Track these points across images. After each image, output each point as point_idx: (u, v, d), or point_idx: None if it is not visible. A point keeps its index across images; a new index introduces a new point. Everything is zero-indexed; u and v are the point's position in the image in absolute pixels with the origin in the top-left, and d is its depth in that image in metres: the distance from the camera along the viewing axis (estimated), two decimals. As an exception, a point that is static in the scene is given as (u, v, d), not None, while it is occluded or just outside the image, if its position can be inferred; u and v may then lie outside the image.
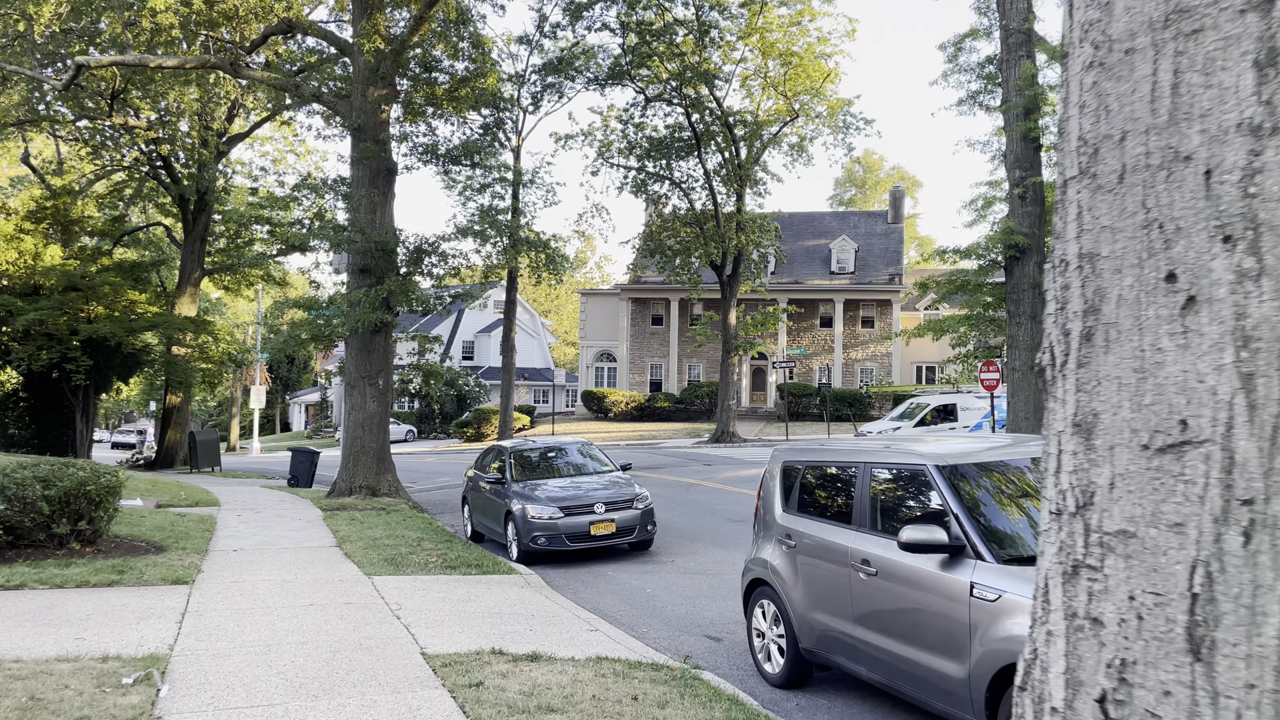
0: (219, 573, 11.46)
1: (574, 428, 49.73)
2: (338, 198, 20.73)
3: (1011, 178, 20.01)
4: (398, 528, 15.75)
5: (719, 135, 41.34)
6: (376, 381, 20.97)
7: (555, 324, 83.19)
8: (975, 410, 25.75)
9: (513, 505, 13.70)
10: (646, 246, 42.29)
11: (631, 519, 13.53)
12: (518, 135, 46.42)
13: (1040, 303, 19.63)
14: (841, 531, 6.82)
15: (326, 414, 75.79)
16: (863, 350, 53.54)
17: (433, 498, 23.61)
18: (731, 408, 42.14)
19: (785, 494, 7.73)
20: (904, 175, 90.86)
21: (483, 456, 16.53)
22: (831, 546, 6.84)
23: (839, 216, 59.78)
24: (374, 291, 19.74)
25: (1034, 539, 5.64)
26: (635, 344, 55.70)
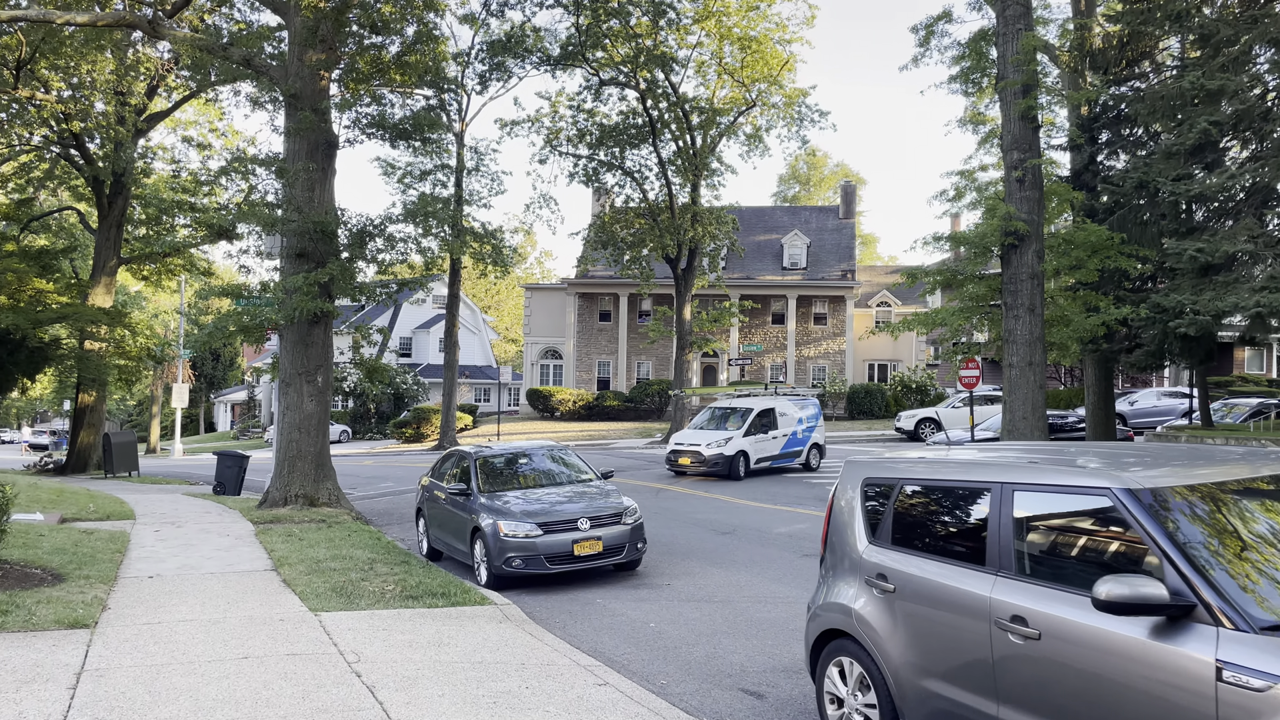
0: (130, 610, 9.40)
1: (519, 427, 47.70)
2: (271, 173, 18.54)
3: (1008, 160, 18.66)
4: (343, 545, 13.74)
5: (673, 123, 39.72)
6: (315, 378, 18.84)
7: (496, 320, 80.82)
8: (790, 417, 24.62)
9: (481, 521, 11.82)
10: (598, 238, 40.48)
11: (620, 536, 11.75)
12: (461, 120, 44.34)
13: (1040, 294, 18.35)
14: (971, 575, 5.13)
15: (254, 414, 72.41)
16: (815, 348, 52.41)
17: (377, 506, 21.52)
18: (685, 406, 40.54)
19: (871, 521, 6.03)
20: (848, 173, 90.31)
21: (440, 463, 14.59)
22: (958, 596, 5.15)
23: (790, 211, 58.62)
24: (313, 277, 17.63)
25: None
26: (582, 341, 53.82)
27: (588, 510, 11.84)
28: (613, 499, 12.31)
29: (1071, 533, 4.84)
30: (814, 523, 16.92)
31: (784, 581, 11.39)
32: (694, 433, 24.89)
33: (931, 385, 48.87)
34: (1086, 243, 18.38)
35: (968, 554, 5.24)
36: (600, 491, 12.61)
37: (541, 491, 12.55)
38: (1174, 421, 28.52)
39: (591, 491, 12.60)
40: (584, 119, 41.07)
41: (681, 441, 24.46)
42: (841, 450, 33.29)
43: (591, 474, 13.38)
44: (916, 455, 6.20)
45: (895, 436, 39.27)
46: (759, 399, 25.14)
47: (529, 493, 12.49)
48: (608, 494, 12.51)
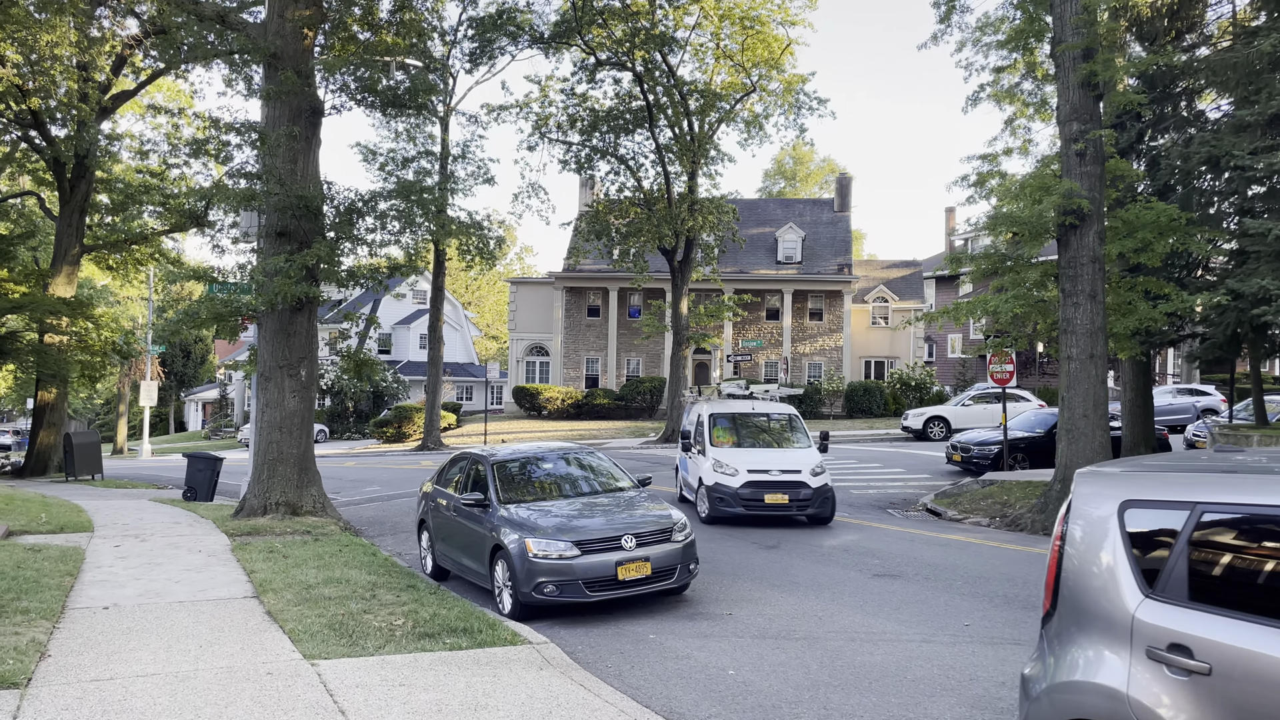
0: (75, 658, 7.45)
1: (506, 427, 45.70)
2: (248, 142, 16.51)
3: (1066, 132, 16.97)
4: (335, 564, 11.79)
5: (669, 108, 37.89)
6: (298, 372, 16.85)
7: (477, 316, 78.69)
8: None
9: (504, 538, 9.93)
10: (590, 229, 38.52)
11: (670, 556, 9.90)
12: (446, 104, 42.29)
13: (1101, 279, 16.67)
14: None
15: (226, 412, 69.91)
16: (811, 344, 50.76)
17: (365, 514, 19.54)
18: (683, 404, 38.71)
19: (1147, 564, 4.16)
20: (834, 168, 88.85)
21: (447, 468, 12.67)
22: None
23: (783, 204, 56.96)
24: (298, 258, 15.64)
25: None
26: (570, 336, 51.87)
27: (631, 525, 9.97)
28: (657, 510, 10.45)
29: None
30: (863, 533, 15.16)
31: (869, 610, 9.58)
32: (754, 453, 16.76)
33: (931, 382, 47.37)
34: (1154, 223, 16.72)
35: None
36: (641, 502, 10.74)
37: (573, 502, 10.66)
38: (1217, 420, 26.86)
39: (631, 502, 10.73)
40: (575, 104, 39.15)
41: (759, 466, 16.16)
42: (847, 450, 31.61)
43: (626, 480, 11.50)
44: (1194, 464, 4.39)
45: (901, 436, 37.65)
46: (760, 402, 21.13)
47: (558, 504, 10.60)
48: (650, 505, 10.65)
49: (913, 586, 10.66)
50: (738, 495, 15.89)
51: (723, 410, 18.47)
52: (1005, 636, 8.46)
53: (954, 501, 19.63)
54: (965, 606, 9.63)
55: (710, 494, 16.27)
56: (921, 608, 9.62)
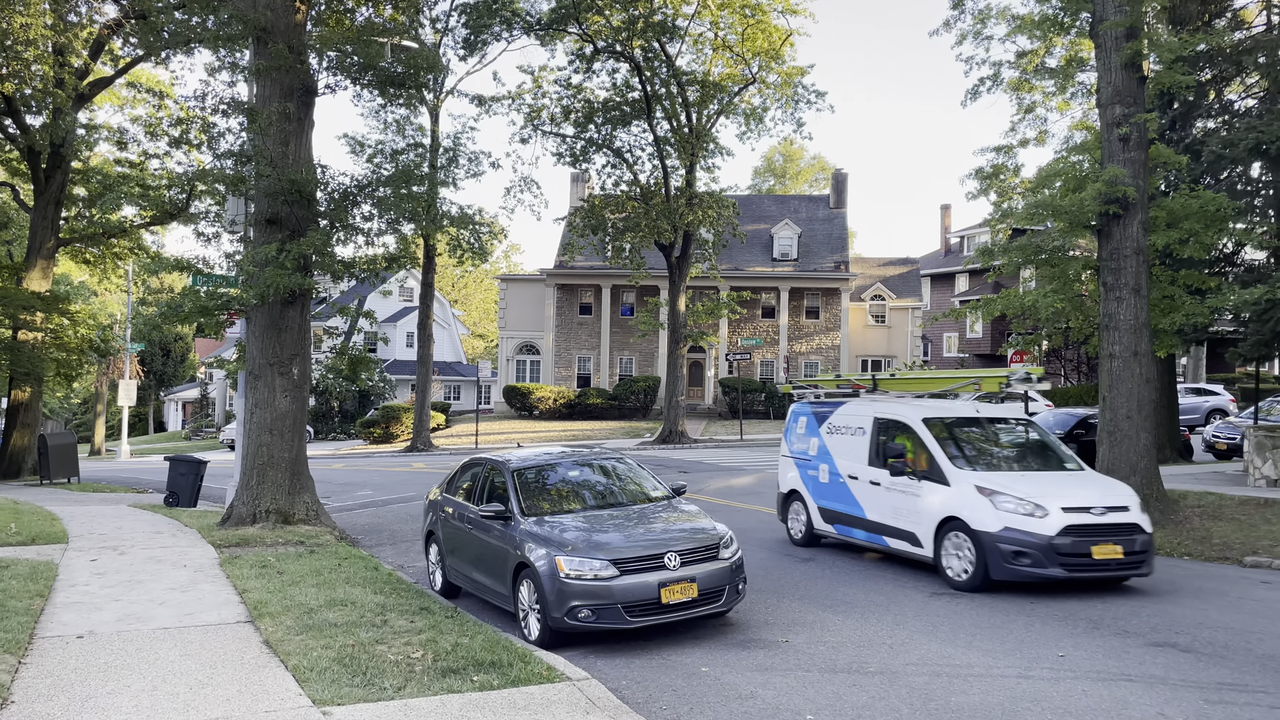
0: (43, 706, 6.34)
1: (497, 427, 44.54)
2: (236, 121, 15.33)
3: (1107, 116, 16.01)
4: (337, 581, 10.68)
5: (666, 100, 36.82)
6: (289, 370, 15.69)
7: (464, 315, 77.34)
8: None
9: (531, 555, 8.84)
10: (585, 223, 37.39)
11: (718, 576, 8.83)
12: (436, 94, 41.11)
13: (1146, 272, 15.72)
14: None
15: (208, 412, 68.37)
16: (807, 342, 49.80)
17: (359, 521, 18.39)
18: (680, 404, 37.72)
19: None
20: (824, 166, 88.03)
21: (458, 475, 11.58)
22: None
23: (779, 200, 55.96)
24: (292, 247, 14.48)
25: None
26: (561, 335, 50.70)
27: (673, 540, 8.90)
28: (701, 524, 9.38)
29: None
30: (899, 543, 14.13)
31: (942, 636, 8.55)
32: (1038, 480, 11.10)
33: (930, 382, 46.50)
34: (1200, 213, 15.80)
35: None
36: (681, 514, 9.67)
37: (603, 515, 9.57)
38: (1231, 420, 26.02)
39: (670, 514, 9.65)
40: (570, 95, 38.05)
41: (1072, 501, 10.53)
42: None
43: (661, 489, 10.42)
44: None
45: (905, 436, 36.67)
46: (967, 403, 14.21)
47: (587, 516, 9.50)
48: (692, 517, 9.58)
49: (979, 607, 9.64)
50: (1053, 549, 9.99)
51: (942, 414, 12.35)
52: (1111, 671, 7.45)
53: (981, 507, 18.63)
54: (1049, 632, 8.62)
55: (992, 545, 10.19)
56: (1000, 633, 8.61)
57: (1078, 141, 25.68)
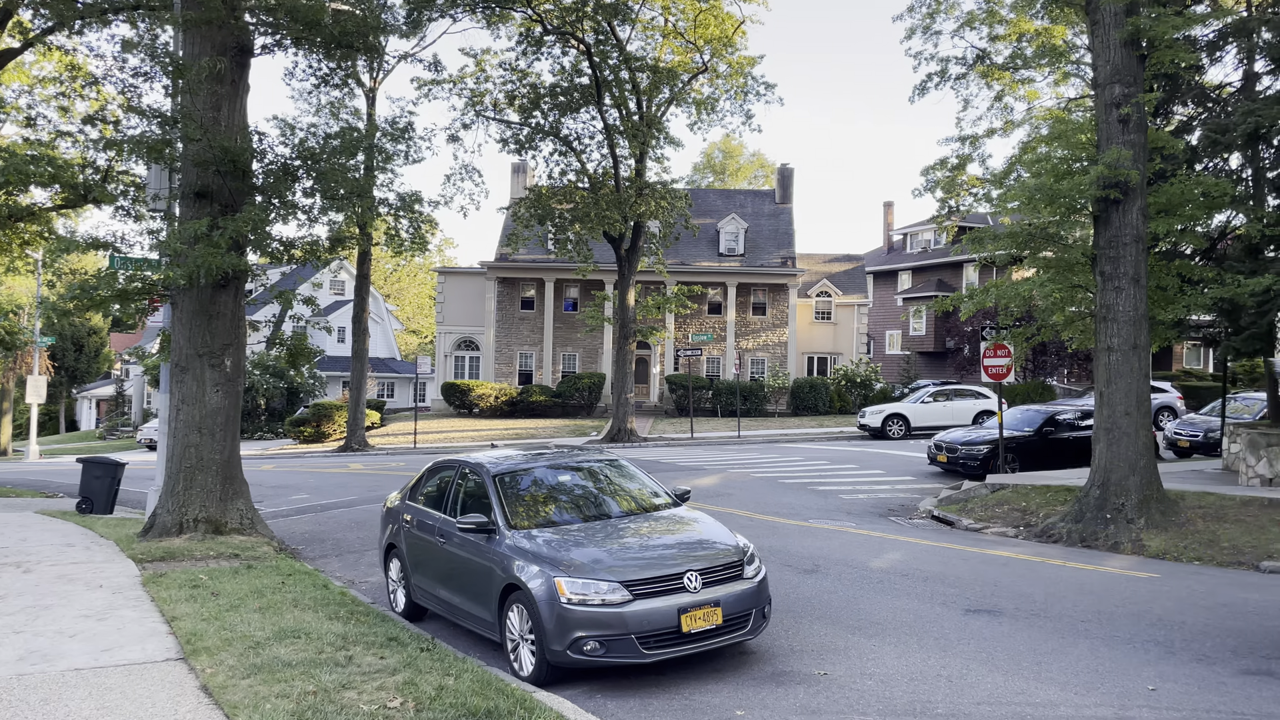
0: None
1: (435, 425, 42.73)
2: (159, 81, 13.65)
3: (1105, 96, 15.18)
4: (283, 604, 9.18)
5: (615, 87, 35.48)
6: (221, 361, 14.04)
7: (398, 309, 74.94)
8: None
9: (523, 575, 7.49)
10: (532, 214, 35.86)
11: (744, 599, 7.59)
12: (373, 77, 39.20)
13: (1144, 261, 14.93)
14: None
15: (124, 410, 64.98)
16: (754, 339, 48.92)
17: (297, 528, 16.75)
18: (629, 401, 36.44)
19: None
20: (764, 163, 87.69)
21: (423, 480, 10.12)
22: None
23: (724, 195, 54.99)
24: (226, 223, 12.84)
25: None
26: (503, 330, 49.00)
27: (691, 557, 7.63)
28: (719, 536, 8.12)
29: None
30: (900, 550, 13.09)
31: (1002, 666, 7.43)
32: None
33: (875, 379, 46.04)
34: (1200, 199, 15.08)
35: None
36: (694, 525, 8.39)
37: (606, 526, 8.24)
38: (1210, 418, 25.57)
39: (681, 525, 8.37)
40: (515, 80, 36.49)
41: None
42: (812, 450, 29.73)
43: (665, 496, 9.12)
44: None
45: (857, 434, 36.06)
46: None
47: (588, 528, 8.17)
48: (707, 528, 8.31)
49: (1029, 628, 8.56)
50: None
51: None
52: (1220, 709, 6.39)
53: (964, 508, 17.78)
54: (1120, 658, 7.57)
55: None
56: (1068, 661, 7.52)
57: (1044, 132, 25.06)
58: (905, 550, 12.95)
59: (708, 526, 8.34)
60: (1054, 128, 16.99)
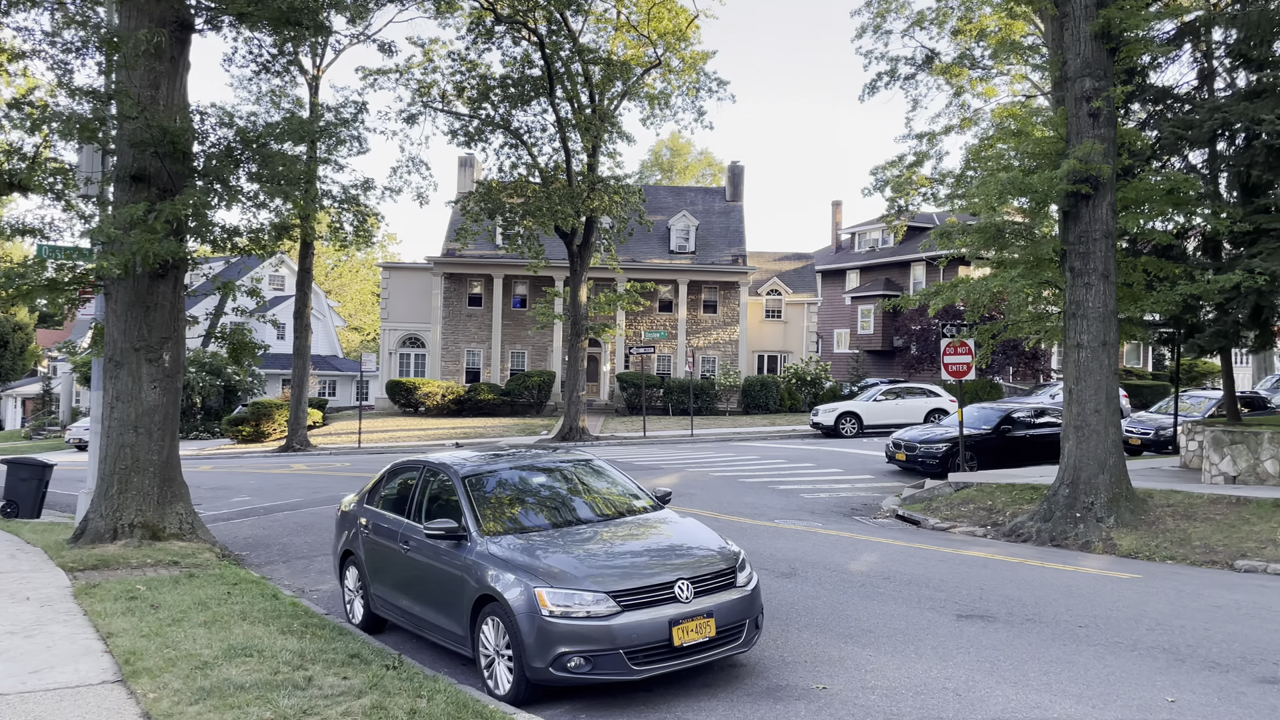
0: None
1: (380, 424, 41.68)
2: (92, 58, 12.75)
3: (1075, 90, 14.98)
4: (230, 617, 8.47)
5: (567, 80, 34.83)
6: (160, 356, 13.17)
7: (340, 306, 73.28)
8: None
9: (498, 585, 6.91)
10: (482, 208, 35.06)
11: (737, 609, 7.09)
12: (316, 66, 38.08)
13: (1113, 257, 14.79)
14: None
15: (51, 409, 62.52)
16: (705, 337, 48.61)
17: (240, 533, 15.90)
18: (581, 399, 35.83)
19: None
20: (711, 161, 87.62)
21: (382, 481, 9.46)
22: None
23: (675, 192, 54.59)
24: (164, 207, 12.01)
25: None
26: (449, 327, 48.01)
27: (682, 564, 7.11)
28: (708, 541, 7.62)
29: None
30: (874, 551, 12.72)
31: (1007, 677, 7.04)
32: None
33: (825, 377, 46.03)
34: (1168, 196, 14.97)
35: None
36: (681, 529, 7.88)
37: (587, 531, 7.68)
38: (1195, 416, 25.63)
39: (667, 529, 7.85)
40: (464, 71, 35.66)
41: None
42: (767, 449, 29.43)
43: (645, 498, 8.59)
44: None
45: (810, 432, 35.90)
46: None
47: (568, 534, 7.60)
48: (695, 533, 7.80)
49: (1027, 635, 8.19)
50: None
51: None
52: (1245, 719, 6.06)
53: (929, 507, 17.55)
54: (1133, 667, 7.22)
55: None
56: (1076, 670, 7.16)
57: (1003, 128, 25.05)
58: (880, 552, 12.59)
59: (694, 531, 7.83)
60: (1010, 125, 16.84)
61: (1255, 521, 13.36)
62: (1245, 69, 16.99)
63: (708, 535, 7.75)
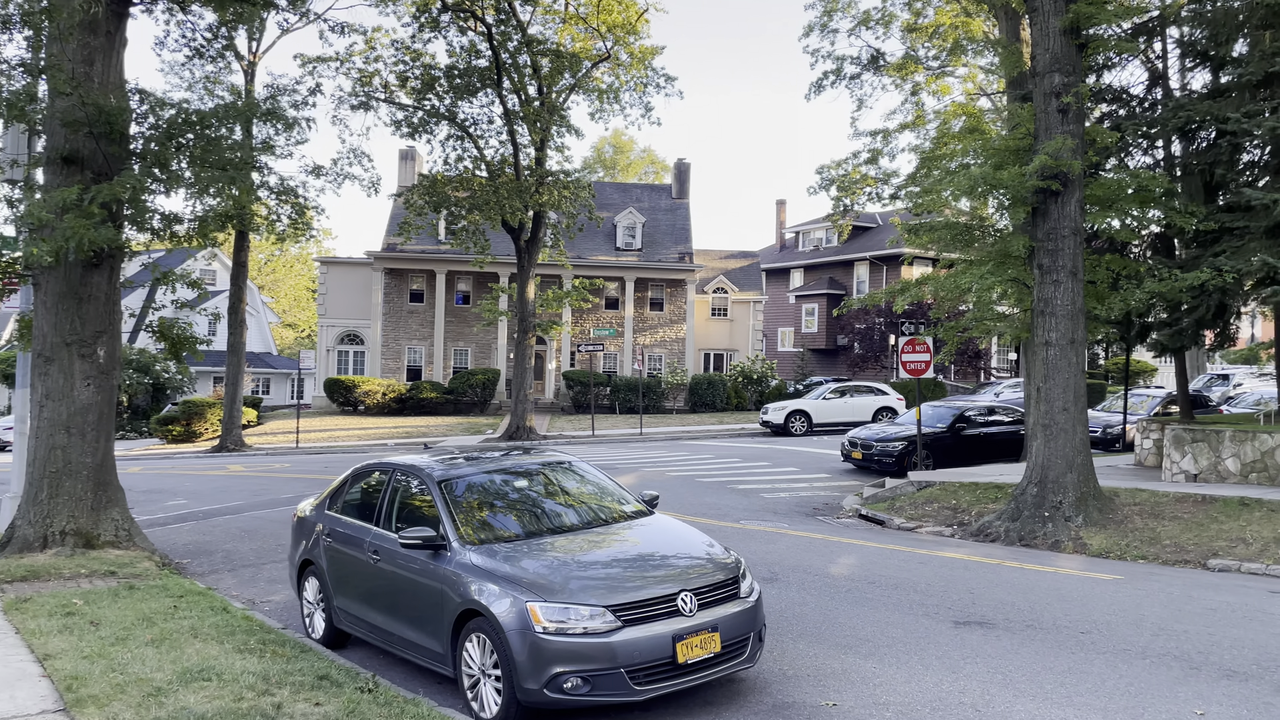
0: None
1: (318, 424, 40.49)
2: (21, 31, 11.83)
3: (1045, 85, 14.85)
4: (180, 633, 7.78)
5: (514, 72, 34.13)
6: (94, 351, 12.30)
7: (274, 301, 71.31)
8: None
9: (484, 599, 6.37)
10: (427, 201, 34.18)
11: (741, 622, 6.64)
12: (252, 51, 36.77)
13: (1081, 255, 14.69)
14: None
15: (-33, 407, 59.69)
16: (652, 335, 48.21)
17: (179, 538, 15.03)
18: (529, 398, 35.17)
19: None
20: (654, 159, 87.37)
21: (345, 485, 8.81)
22: None
23: (621, 188, 54.09)
24: (99, 190, 11.17)
25: None
26: (390, 324, 46.87)
27: (681, 575, 6.64)
28: (704, 548, 7.16)
29: None
30: (852, 554, 12.40)
31: (1021, 688, 6.70)
32: None
33: (771, 375, 46.00)
34: (1135, 194, 14.93)
35: None
36: (676, 535, 7.40)
37: (577, 539, 7.14)
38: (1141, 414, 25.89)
39: (661, 536, 7.36)
40: (409, 61, 34.72)
41: None
42: (720, 447, 29.14)
43: (634, 502, 8.08)
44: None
45: (760, 431, 35.77)
46: None
47: (557, 542, 7.07)
48: (691, 540, 7.33)
49: (1031, 642, 7.87)
50: None
51: None
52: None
53: (892, 506, 17.35)
54: (1149, 677, 6.93)
55: None
56: (1092, 681, 6.85)
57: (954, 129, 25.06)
58: (857, 554, 12.28)
59: (690, 537, 7.36)
60: (959, 126, 16.73)
61: (1223, 520, 13.35)
62: (1204, 68, 17.09)
63: (704, 542, 7.29)
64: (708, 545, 7.20)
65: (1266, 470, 15.06)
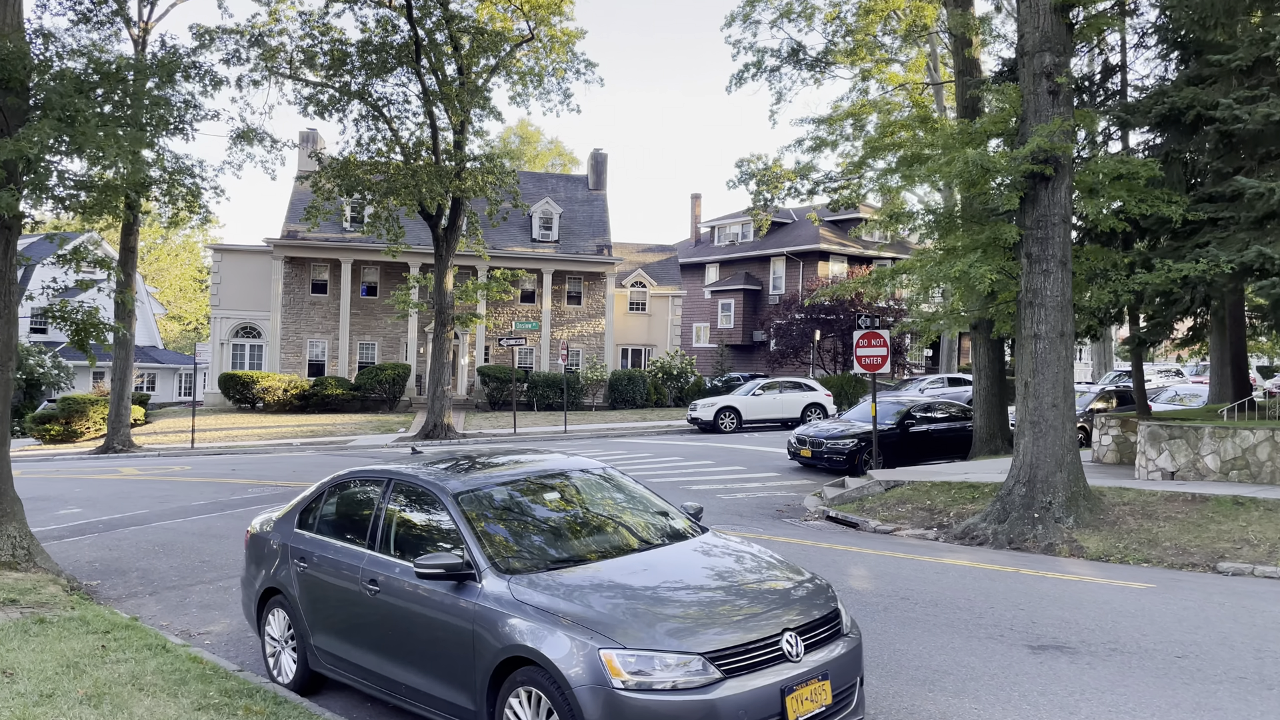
0: None
1: (214, 422, 37.80)
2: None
3: (1033, 65, 14.16)
4: (120, 686, 6.22)
5: (432, 51, 32.31)
6: (-16, 339, 10.40)
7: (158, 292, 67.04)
8: None
9: (534, 640, 5.06)
10: (338, 185, 32.06)
11: (849, 664, 5.48)
12: (143, 19, 33.93)
13: (1070, 243, 14.08)
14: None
15: None
16: (569, 329, 46.80)
17: (82, 554, 13.11)
18: (447, 394, 33.41)
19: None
20: (561, 151, 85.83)
21: (324, 499, 7.30)
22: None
23: (535, 178, 52.40)
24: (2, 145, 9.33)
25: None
26: (291, 316, 44.21)
27: (778, 610, 5.43)
28: (789, 572, 5.97)
29: None
30: (861, 563, 11.42)
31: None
32: None
33: (690, 371, 45.22)
34: (1126, 181, 14.40)
35: None
36: (752, 558, 6.18)
37: (637, 565, 5.85)
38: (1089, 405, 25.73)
39: (733, 560, 6.12)
40: (317, 35, 32.51)
41: None
42: (657, 445, 28.04)
43: (679, 515, 6.84)
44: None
45: (688, 428, 34.87)
46: None
47: (610, 569, 5.77)
48: (766, 562, 6.12)
49: (1132, 671, 6.95)
50: None
51: None
52: None
53: (861, 507, 16.55)
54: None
55: None
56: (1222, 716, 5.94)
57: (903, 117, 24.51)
58: (863, 564, 11.31)
59: (765, 558, 6.17)
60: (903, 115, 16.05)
61: (1221, 520, 12.89)
62: (1173, 55, 16.78)
63: (784, 564, 6.11)
64: (790, 570, 6.02)
65: (1248, 467, 14.74)
